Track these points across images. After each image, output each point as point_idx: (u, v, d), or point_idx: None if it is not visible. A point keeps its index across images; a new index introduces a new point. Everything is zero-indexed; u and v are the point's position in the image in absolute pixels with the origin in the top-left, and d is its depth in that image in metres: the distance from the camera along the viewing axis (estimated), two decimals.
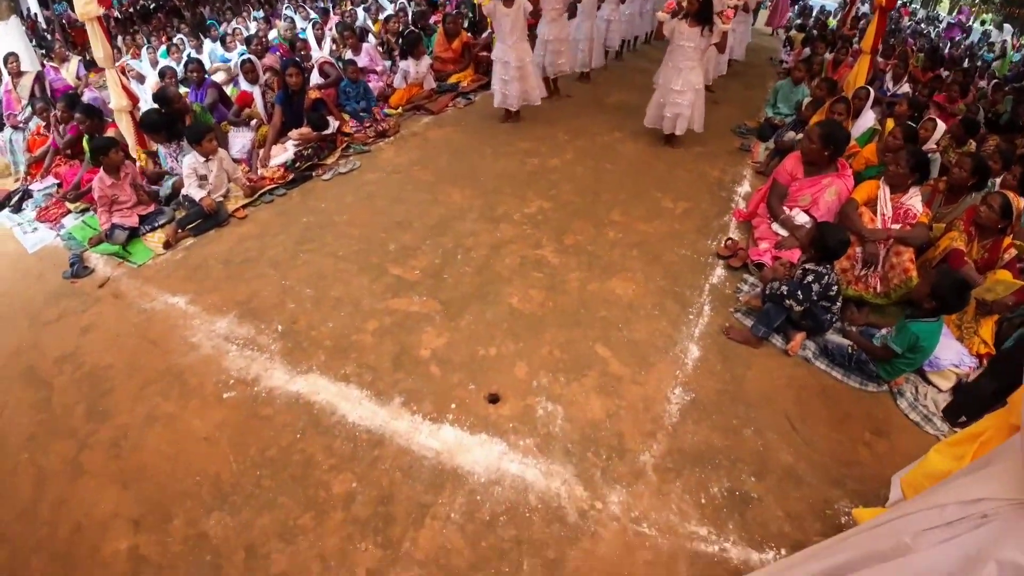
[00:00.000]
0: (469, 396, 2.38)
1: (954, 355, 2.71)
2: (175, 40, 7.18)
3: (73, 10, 4.40)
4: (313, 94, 4.62)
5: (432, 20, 7.24)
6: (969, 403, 2.47)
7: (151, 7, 12.90)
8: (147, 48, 6.90)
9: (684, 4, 4.08)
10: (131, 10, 11.58)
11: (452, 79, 6.09)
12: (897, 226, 3.09)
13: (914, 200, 3.14)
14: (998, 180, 3.76)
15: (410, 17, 7.59)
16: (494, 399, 2.37)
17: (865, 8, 12.39)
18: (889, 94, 6.25)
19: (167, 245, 3.45)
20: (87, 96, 5.64)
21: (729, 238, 3.47)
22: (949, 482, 1.02)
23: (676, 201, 3.92)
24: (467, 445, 2.20)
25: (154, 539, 1.93)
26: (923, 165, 3.16)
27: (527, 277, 3.06)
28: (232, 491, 2.05)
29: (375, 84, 5.78)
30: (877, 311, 3.01)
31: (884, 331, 2.70)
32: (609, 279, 3.07)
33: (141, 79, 6.12)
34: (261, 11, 10.42)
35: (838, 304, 2.78)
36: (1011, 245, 2.96)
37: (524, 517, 1.97)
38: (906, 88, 6.34)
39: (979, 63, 12.20)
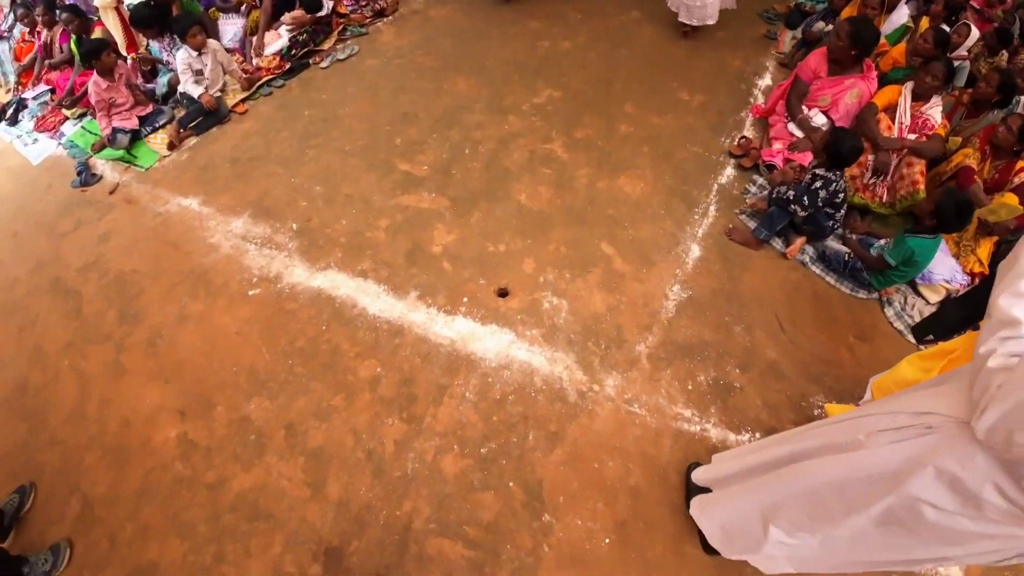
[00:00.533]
0: (480, 290, 2.52)
1: (947, 271, 2.77)
2: None
3: None
4: None
5: None
6: (937, 324, 2.57)
7: None
8: None
9: None
10: None
11: None
12: (913, 136, 3.02)
13: (934, 111, 3.04)
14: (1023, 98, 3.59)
15: None
16: (503, 293, 2.52)
17: None
18: None
19: (171, 146, 3.44)
20: None
21: (743, 136, 3.40)
22: (908, 392, 1.16)
23: (692, 93, 3.77)
24: (479, 334, 2.38)
25: (200, 425, 2.19)
26: (950, 76, 3.04)
27: (536, 173, 3.07)
28: (268, 378, 2.27)
29: None
30: (880, 220, 3.04)
31: (883, 241, 2.77)
32: (618, 177, 3.08)
33: None
34: None
35: (842, 212, 2.81)
36: (1023, 168, 2.92)
37: (530, 397, 2.20)
38: None
39: None
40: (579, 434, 2.11)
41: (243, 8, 4.48)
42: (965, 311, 2.42)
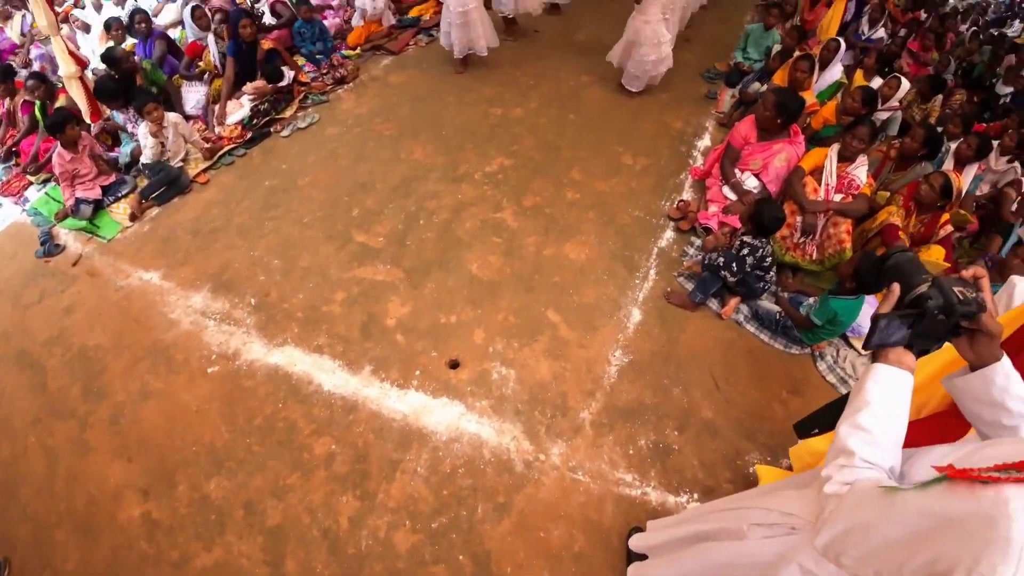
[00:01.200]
0: (432, 363, 2.64)
1: None
2: None
3: None
4: (266, 44, 4.44)
5: None
6: (819, 420, 2.73)
7: None
8: None
9: None
10: None
11: (413, 12, 5.82)
12: (840, 196, 3.24)
13: (860, 171, 3.27)
14: (953, 145, 3.89)
15: None
16: (454, 365, 2.64)
17: None
18: (864, 38, 6.19)
19: (133, 217, 3.52)
20: (34, 53, 5.40)
21: (681, 199, 3.64)
22: (781, 489, 1.31)
23: (636, 157, 4.03)
24: (430, 408, 2.49)
25: (163, 504, 2.24)
26: (875, 136, 3.31)
27: (487, 242, 3.23)
28: (227, 457, 2.34)
29: (331, 21, 5.53)
30: (811, 276, 3.25)
31: (810, 301, 2.99)
32: (564, 243, 3.27)
33: (86, 28, 5.74)
34: None
35: (771, 273, 3.03)
36: (947, 221, 3.14)
37: (479, 469, 2.31)
38: (881, 33, 6.23)
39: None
40: (526, 504, 2.22)
41: (206, 76, 4.64)
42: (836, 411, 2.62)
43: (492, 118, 4.34)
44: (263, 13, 5.13)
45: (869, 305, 2.94)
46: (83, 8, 6.37)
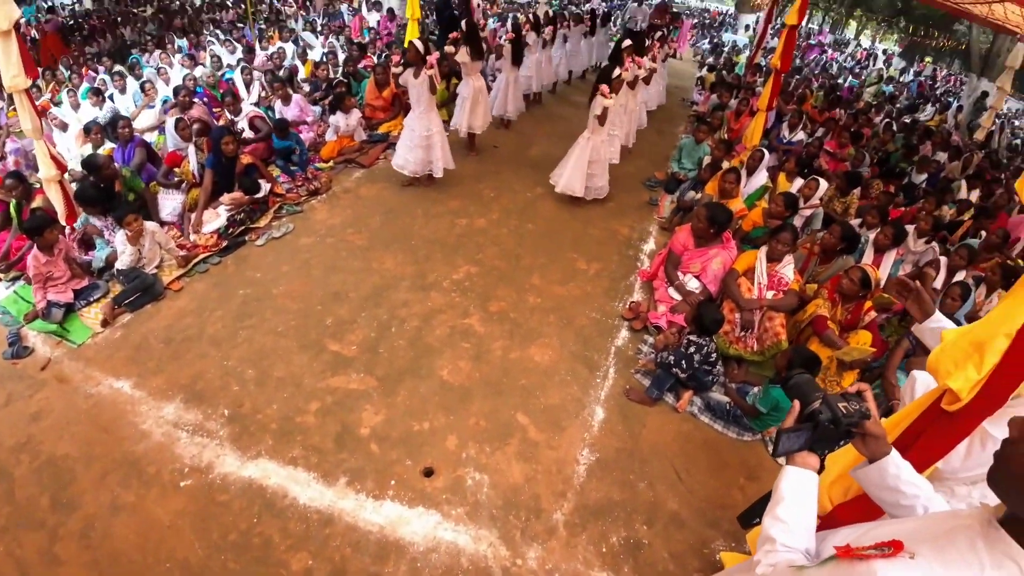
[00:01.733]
0: (407, 471, 2.71)
1: None
2: (97, 82, 6.97)
3: None
4: (246, 159, 4.75)
5: (362, 65, 7.43)
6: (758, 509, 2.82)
7: (68, 24, 12.16)
8: (67, 91, 6.67)
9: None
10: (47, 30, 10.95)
11: (383, 128, 6.36)
12: (771, 294, 3.65)
13: (787, 269, 3.69)
14: (872, 234, 4.37)
15: (340, 60, 7.76)
16: (429, 472, 2.72)
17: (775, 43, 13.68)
18: (785, 142, 7.13)
19: (105, 323, 3.53)
20: (9, 147, 5.50)
21: (633, 300, 4.00)
22: (734, 574, 1.48)
23: (589, 262, 4.42)
24: (407, 518, 2.53)
25: None
26: (793, 240, 3.73)
27: (456, 348, 3.42)
28: (202, 575, 2.28)
29: (306, 135, 5.95)
30: (755, 367, 3.58)
31: (755, 390, 3.29)
32: (529, 346, 3.50)
33: (63, 127, 5.94)
34: (185, 40, 10.14)
35: (718, 367, 3.34)
36: (871, 307, 3.56)
37: None
38: (801, 136, 7.20)
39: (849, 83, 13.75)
40: None
41: (184, 185, 4.85)
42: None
43: (458, 228, 4.71)
44: (243, 129, 5.49)
45: None
46: (59, 105, 6.59)
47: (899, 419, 1.72)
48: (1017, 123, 16.01)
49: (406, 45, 6.13)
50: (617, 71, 4.99)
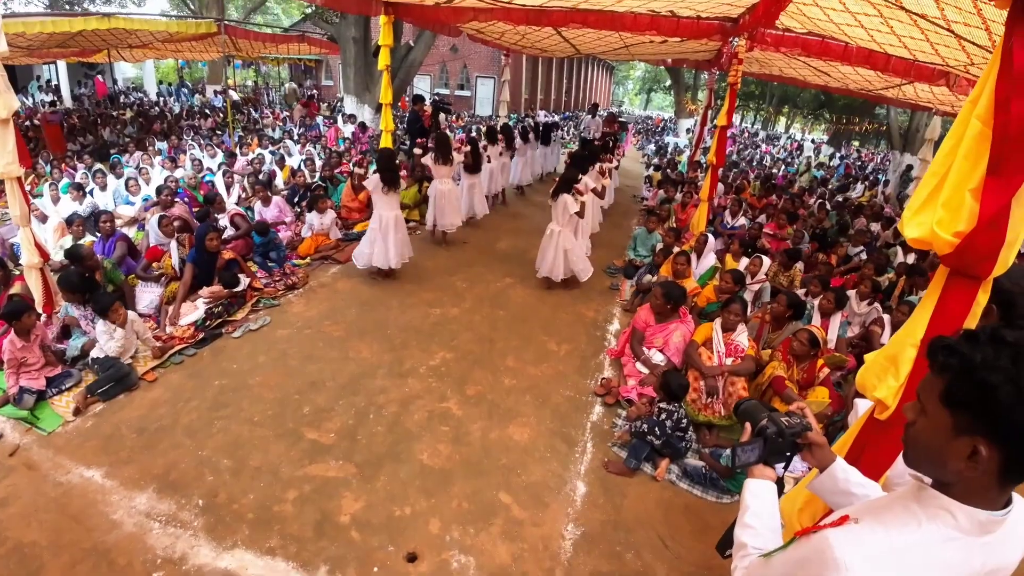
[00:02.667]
0: (389, 558, 2.65)
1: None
2: (78, 177, 7.20)
3: None
4: (227, 254, 4.92)
5: (338, 170, 7.93)
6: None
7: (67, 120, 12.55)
8: (48, 184, 6.85)
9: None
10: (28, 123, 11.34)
11: (358, 228, 6.69)
12: (730, 360, 3.92)
13: (741, 337, 3.99)
14: (816, 301, 4.74)
15: (317, 166, 8.27)
16: (412, 558, 2.66)
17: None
18: (729, 227, 7.81)
19: (77, 412, 3.46)
20: None
21: (604, 377, 4.17)
22: None
23: (560, 344, 4.63)
24: None
25: None
26: (744, 311, 4.09)
27: (435, 432, 3.46)
28: None
29: (284, 233, 6.21)
30: (725, 431, 3.73)
31: (727, 452, 3.42)
32: (507, 425, 3.57)
33: (43, 219, 6.00)
34: (165, 143, 10.62)
35: (690, 432, 3.48)
36: (824, 365, 3.85)
37: None
38: (742, 221, 7.92)
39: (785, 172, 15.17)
40: None
41: (163, 279, 4.93)
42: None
43: (432, 317, 4.89)
44: (225, 227, 5.70)
45: None
46: (40, 197, 6.67)
47: (844, 440, 1.91)
48: None
49: (380, 149, 6.72)
50: (583, 179, 5.54)
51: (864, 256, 6.57)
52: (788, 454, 1.35)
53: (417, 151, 6.00)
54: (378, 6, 5.95)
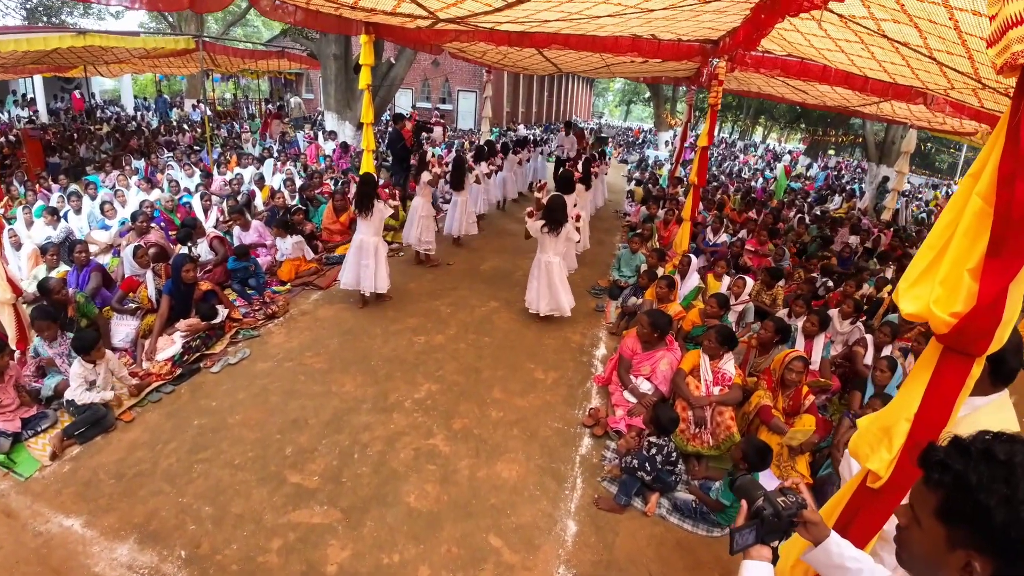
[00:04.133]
0: None
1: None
2: (53, 200, 6.99)
3: None
4: (205, 285, 4.80)
5: (319, 191, 7.84)
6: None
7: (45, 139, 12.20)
8: (22, 208, 6.64)
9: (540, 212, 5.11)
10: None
11: (339, 251, 6.60)
12: (717, 389, 3.92)
13: (728, 365, 3.99)
14: (800, 321, 4.76)
15: (297, 187, 8.16)
16: None
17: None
18: (711, 244, 7.89)
19: (54, 456, 3.35)
20: None
21: (592, 407, 4.15)
22: None
23: (546, 371, 4.59)
24: None
25: None
26: (729, 339, 4.05)
27: (422, 471, 3.39)
28: None
29: (264, 259, 6.10)
30: (714, 461, 3.71)
31: (716, 485, 3.40)
32: (495, 463, 3.52)
33: (18, 245, 5.79)
34: (142, 160, 10.40)
35: (680, 466, 3.46)
36: (809, 392, 3.86)
37: None
38: (724, 237, 8.01)
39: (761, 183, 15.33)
40: None
41: (139, 311, 4.77)
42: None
43: (417, 346, 4.83)
44: (199, 256, 5.57)
45: (766, 477, 3.40)
46: (12, 221, 6.45)
47: (837, 500, 1.91)
48: (921, 197, 18.13)
49: (361, 173, 6.65)
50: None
51: (831, 284, 6.65)
52: (783, 532, 1.34)
53: (426, 176, 5.96)
54: (358, 26, 5.92)
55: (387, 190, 6.99)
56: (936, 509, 0.95)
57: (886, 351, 4.66)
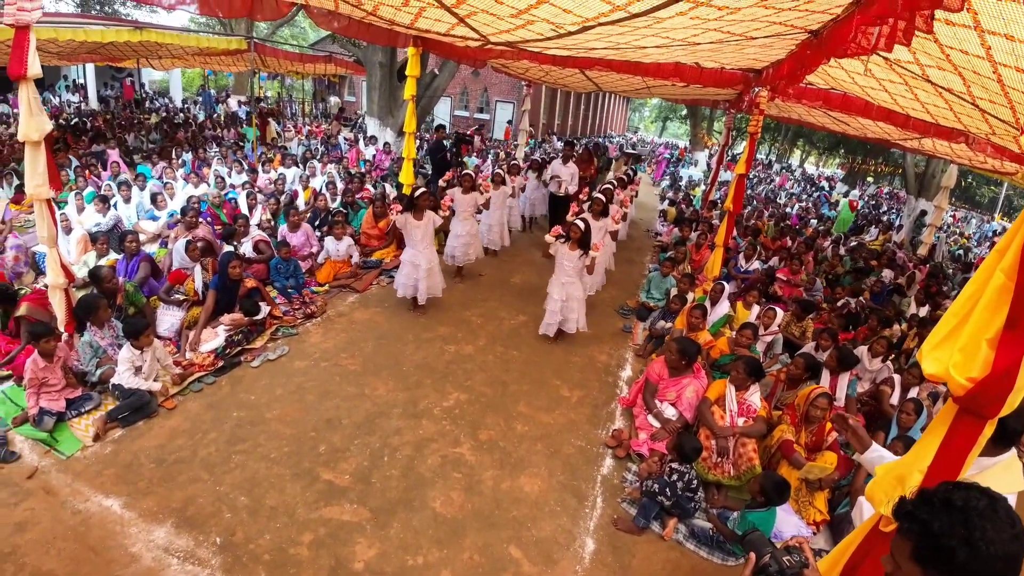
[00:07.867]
0: None
1: (793, 528, 3.48)
2: (103, 188, 7.35)
3: None
4: (250, 283, 5.03)
5: (359, 196, 8.08)
6: None
7: (71, 123, 12.84)
8: (74, 193, 7.00)
9: (568, 232, 5.17)
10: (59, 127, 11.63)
11: (376, 255, 6.81)
12: (742, 420, 3.94)
13: (754, 397, 4.01)
14: (825, 354, 4.77)
15: (339, 190, 8.41)
16: None
17: (727, 176, 14.92)
18: (743, 271, 7.85)
19: (96, 437, 3.53)
20: (11, 242, 5.64)
21: (615, 428, 4.21)
22: None
23: (572, 389, 4.68)
24: None
25: None
26: (757, 370, 4.10)
27: (448, 479, 3.51)
28: None
29: (306, 262, 6.32)
30: (734, 491, 3.73)
31: (734, 515, 3.44)
32: (519, 476, 3.62)
33: (68, 230, 6.11)
34: (189, 153, 10.82)
35: (700, 494, 3.51)
36: (832, 429, 3.84)
37: None
38: (756, 265, 7.96)
39: (818, 220, 14.94)
40: None
41: (185, 303, 5.02)
42: None
43: (447, 355, 4.97)
44: (245, 254, 5.82)
45: (783, 511, 3.41)
46: (65, 204, 6.77)
47: (848, 543, 1.98)
48: (959, 232, 17.50)
49: (401, 179, 6.85)
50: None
51: (872, 304, 6.57)
52: None
53: (442, 183, 6.11)
54: (406, 39, 6.14)
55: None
56: (911, 554, 1.10)
57: (912, 392, 4.61)
